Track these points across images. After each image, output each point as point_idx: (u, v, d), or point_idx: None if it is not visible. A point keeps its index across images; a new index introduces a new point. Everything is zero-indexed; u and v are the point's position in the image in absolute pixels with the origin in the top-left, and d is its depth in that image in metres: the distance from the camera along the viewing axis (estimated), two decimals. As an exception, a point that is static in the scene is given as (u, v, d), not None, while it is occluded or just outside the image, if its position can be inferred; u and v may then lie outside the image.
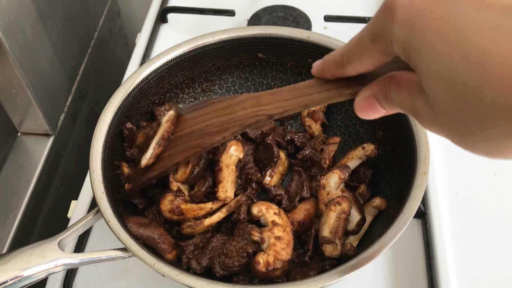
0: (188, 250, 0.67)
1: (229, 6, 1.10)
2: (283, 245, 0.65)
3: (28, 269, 0.57)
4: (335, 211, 0.68)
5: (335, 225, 0.68)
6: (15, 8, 0.81)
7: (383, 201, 0.70)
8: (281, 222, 0.68)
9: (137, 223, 0.65)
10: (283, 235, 0.66)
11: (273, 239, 0.65)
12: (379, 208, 0.70)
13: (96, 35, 1.19)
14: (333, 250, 0.66)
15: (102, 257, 0.60)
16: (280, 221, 0.68)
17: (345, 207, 0.68)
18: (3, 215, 0.87)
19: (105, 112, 0.71)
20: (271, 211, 0.69)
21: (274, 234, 0.66)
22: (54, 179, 1.00)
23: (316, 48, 0.80)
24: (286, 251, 0.65)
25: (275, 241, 0.65)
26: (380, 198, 0.71)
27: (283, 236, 0.66)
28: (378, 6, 1.12)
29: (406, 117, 0.70)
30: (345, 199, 0.69)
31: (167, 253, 0.66)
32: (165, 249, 0.66)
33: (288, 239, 0.66)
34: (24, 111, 0.92)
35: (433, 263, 0.73)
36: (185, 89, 0.85)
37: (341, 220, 0.68)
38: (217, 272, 0.65)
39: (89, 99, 1.15)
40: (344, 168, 0.73)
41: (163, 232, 0.67)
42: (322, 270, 0.65)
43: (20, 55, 0.83)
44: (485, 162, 0.86)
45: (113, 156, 0.72)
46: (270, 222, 0.68)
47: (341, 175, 0.72)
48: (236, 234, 0.68)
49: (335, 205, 0.68)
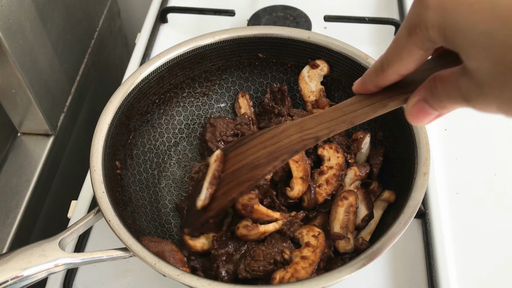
0: (220, 259, 0.66)
1: (229, 6, 1.10)
2: (306, 265, 0.64)
3: (28, 268, 0.57)
4: (343, 206, 0.69)
5: (345, 219, 0.69)
6: (15, 8, 0.81)
7: (391, 193, 0.71)
8: (314, 243, 0.66)
9: (149, 239, 0.66)
10: (310, 255, 0.65)
11: (298, 258, 0.65)
12: (388, 201, 0.71)
13: (96, 35, 1.19)
14: (346, 245, 0.67)
15: (103, 256, 0.60)
16: (315, 242, 0.67)
17: (352, 200, 0.69)
18: (3, 215, 0.87)
19: (105, 112, 0.71)
20: (310, 233, 0.68)
21: (302, 254, 0.65)
22: (54, 179, 1.00)
23: (317, 48, 0.80)
24: (307, 270, 0.64)
25: (299, 260, 0.64)
26: (388, 191, 0.71)
27: (309, 256, 0.65)
28: (378, 6, 1.13)
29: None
30: (351, 193, 0.70)
31: None
32: (176, 264, 0.65)
33: (314, 259, 0.65)
34: (24, 111, 0.92)
35: (433, 263, 0.73)
36: (185, 89, 0.85)
37: (350, 214, 0.69)
38: (240, 273, 0.65)
39: (89, 99, 1.15)
40: (363, 166, 0.74)
41: (175, 249, 0.66)
42: (343, 263, 0.65)
43: (20, 55, 0.83)
44: (485, 162, 0.86)
45: (114, 156, 0.72)
46: (304, 243, 0.67)
47: (358, 171, 0.73)
48: (268, 241, 0.68)
49: (342, 200, 0.69)
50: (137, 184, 0.78)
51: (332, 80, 0.83)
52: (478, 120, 0.92)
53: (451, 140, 0.89)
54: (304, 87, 0.82)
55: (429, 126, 0.89)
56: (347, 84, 0.81)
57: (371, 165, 0.75)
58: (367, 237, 0.70)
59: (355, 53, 0.77)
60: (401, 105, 0.50)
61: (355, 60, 0.77)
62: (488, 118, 0.92)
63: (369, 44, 1.05)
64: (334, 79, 0.83)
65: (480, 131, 0.90)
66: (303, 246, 0.67)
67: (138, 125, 0.80)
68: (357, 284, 0.73)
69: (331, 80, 0.83)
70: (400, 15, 1.07)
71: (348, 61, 0.78)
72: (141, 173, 0.79)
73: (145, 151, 0.81)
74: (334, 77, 0.82)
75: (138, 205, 0.76)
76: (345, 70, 0.80)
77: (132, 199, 0.75)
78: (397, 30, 1.05)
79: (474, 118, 0.92)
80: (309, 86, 0.82)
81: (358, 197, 0.72)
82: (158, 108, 0.83)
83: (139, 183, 0.78)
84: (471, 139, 0.89)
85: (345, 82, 0.82)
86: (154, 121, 0.83)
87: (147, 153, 0.81)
